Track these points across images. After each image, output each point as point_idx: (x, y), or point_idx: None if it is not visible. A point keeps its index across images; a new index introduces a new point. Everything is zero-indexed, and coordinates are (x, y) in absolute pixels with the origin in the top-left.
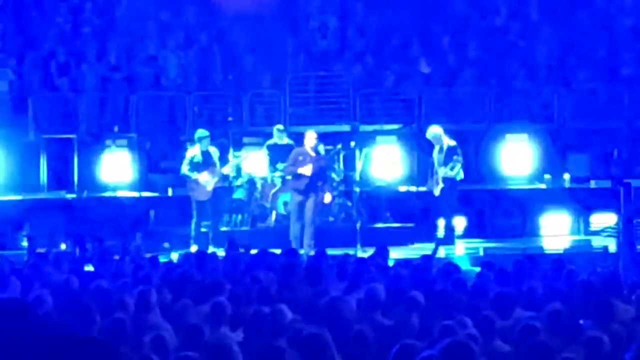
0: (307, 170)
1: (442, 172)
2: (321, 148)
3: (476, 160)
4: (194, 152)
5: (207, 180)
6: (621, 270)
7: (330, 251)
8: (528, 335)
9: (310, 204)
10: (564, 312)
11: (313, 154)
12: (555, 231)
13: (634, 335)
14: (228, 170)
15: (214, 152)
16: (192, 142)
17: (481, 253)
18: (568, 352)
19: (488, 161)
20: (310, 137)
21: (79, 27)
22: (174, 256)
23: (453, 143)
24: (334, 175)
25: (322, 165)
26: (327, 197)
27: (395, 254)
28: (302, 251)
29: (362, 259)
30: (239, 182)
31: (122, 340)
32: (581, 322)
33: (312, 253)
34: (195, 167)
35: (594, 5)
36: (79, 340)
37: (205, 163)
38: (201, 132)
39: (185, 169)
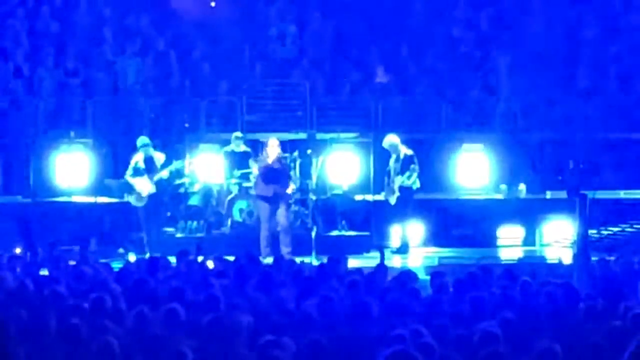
0: (271, 158)
1: (398, 181)
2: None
3: (432, 170)
4: (137, 158)
5: (141, 188)
6: (575, 281)
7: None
8: (487, 342)
9: (282, 210)
10: (515, 321)
11: (278, 163)
12: (510, 241)
13: (588, 347)
14: (165, 174)
15: (159, 158)
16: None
17: (436, 262)
18: None
19: (444, 170)
20: (273, 145)
21: (36, 31)
22: (132, 258)
23: (410, 152)
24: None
25: (286, 170)
26: (290, 187)
27: (351, 262)
28: (264, 258)
29: (318, 266)
30: (195, 188)
31: (76, 345)
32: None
33: (288, 257)
34: (138, 173)
35: (553, 17)
36: None
37: (148, 170)
38: (142, 140)
39: (128, 174)
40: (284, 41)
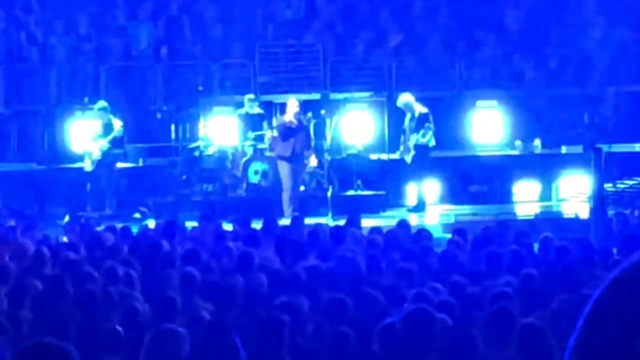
0: (289, 117)
1: (413, 139)
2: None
3: (447, 127)
4: (97, 124)
5: (91, 151)
6: (592, 236)
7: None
8: (498, 301)
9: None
10: (536, 277)
11: (295, 121)
12: (527, 197)
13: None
14: (103, 143)
15: (116, 123)
16: (163, 111)
17: (453, 220)
18: (534, 318)
19: (459, 128)
20: (292, 105)
21: None
22: (151, 224)
23: (425, 110)
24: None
25: (306, 131)
26: (313, 159)
27: (367, 222)
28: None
29: (335, 227)
30: (209, 151)
31: (93, 311)
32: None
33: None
34: (95, 139)
35: None
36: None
37: (105, 135)
38: (100, 104)
39: (88, 139)
40: (289, 2)
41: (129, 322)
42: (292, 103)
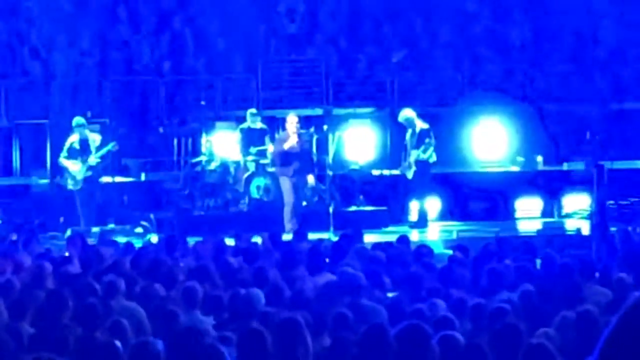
0: (289, 143)
1: (414, 155)
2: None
3: (449, 143)
4: (71, 140)
5: (76, 170)
6: (594, 252)
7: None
8: (498, 317)
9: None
10: (535, 294)
11: (297, 146)
12: (529, 214)
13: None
14: (92, 160)
15: (94, 139)
16: (165, 126)
17: (454, 236)
18: (537, 336)
19: (461, 144)
20: (292, 122)
21: (50, 12)
22: (154, 239)
23: (426, 126)
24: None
25: (306, 147)
26: (311, 179)
27: (369, 237)
28: (288, 234)
29: (337, 242)
30: (212, 166)
31: (93, 324)
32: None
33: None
34: (72, 155)
35: None
36: None
37: (82, 151)
38: (77, 120)
39: (62, 156)
40: (293, 17)
41: (117, 337)
42: (292, 120)
